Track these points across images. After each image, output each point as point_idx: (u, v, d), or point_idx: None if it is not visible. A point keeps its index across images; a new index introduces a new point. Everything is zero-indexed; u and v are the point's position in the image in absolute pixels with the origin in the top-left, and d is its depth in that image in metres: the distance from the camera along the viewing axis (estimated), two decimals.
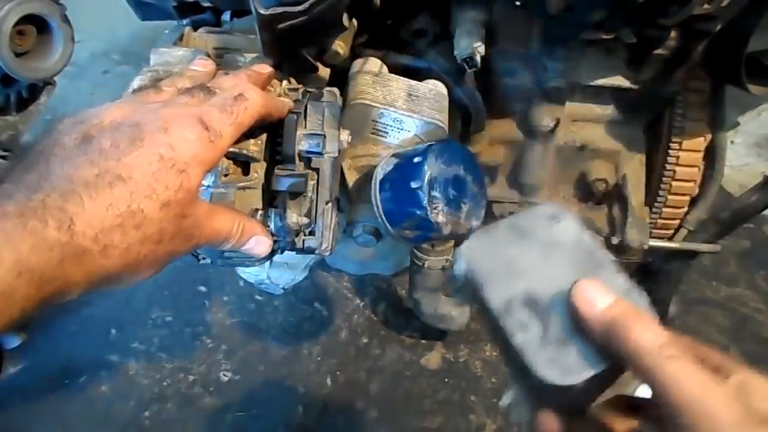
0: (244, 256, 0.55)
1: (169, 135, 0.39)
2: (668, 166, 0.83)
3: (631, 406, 0.40)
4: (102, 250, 0.36)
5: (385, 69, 0.75)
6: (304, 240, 0.60)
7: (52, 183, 0.35)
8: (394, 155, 0.66)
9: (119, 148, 0.38)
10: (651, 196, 0.87)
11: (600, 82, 0.78)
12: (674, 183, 0.84)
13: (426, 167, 0.60)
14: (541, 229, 0.41)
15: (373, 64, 0.74)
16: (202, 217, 0.42)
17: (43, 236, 0.33)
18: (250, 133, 0.50)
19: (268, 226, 0.55)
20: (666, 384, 0.31)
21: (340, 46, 0.69)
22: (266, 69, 0.54)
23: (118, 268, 0.37)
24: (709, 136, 0.83)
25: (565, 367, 0.36)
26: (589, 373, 0.35)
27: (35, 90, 0.81)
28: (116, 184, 0.36)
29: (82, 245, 0.35)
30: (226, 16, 0.76)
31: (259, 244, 0.51)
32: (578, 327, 0.37)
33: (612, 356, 0.34)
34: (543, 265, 0.40)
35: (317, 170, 0.59)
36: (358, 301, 1.21)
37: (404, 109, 0.69)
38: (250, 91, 0.46)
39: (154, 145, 0.38)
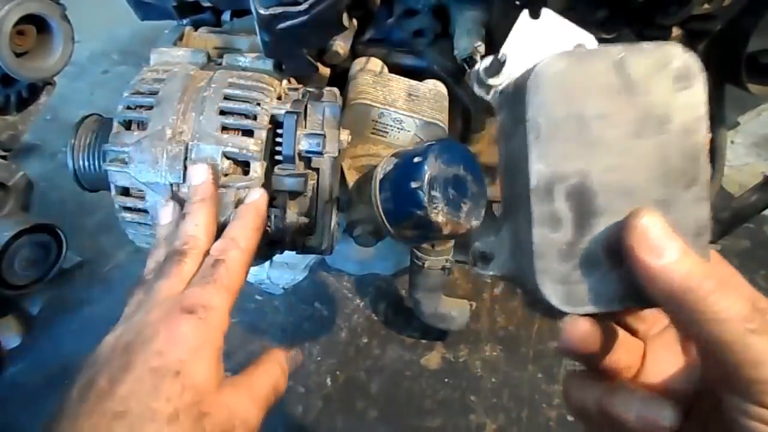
0: None
1: (156, 341, 0.37)
2: None
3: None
4: None
5: (385, 69, 0.75)
6: (304, 240, 0.60)
7: None
8: (394, 155, 0.66)
9: (114, 381, 0.36)
10: None
11: None
12: None
13: (426, 167, 0.60)
14: (658, 87, 0.28)
15: (373, 64, 0.74)
16: (233, 401, 0.39)
17: None
18: None
19: (269, 226, 0.55)
20: (747, 360, 0.26)
21: (340, 46, 0.69)
22: (260, 207, 0.51)
23: None
24: (709, 136, 0.83)
25: (572, 294, 0.29)
26: (595, 311, 0.29)
27: (35, 90, 0.81)
28: (114, 427, 0.34)
29: None
30: (226, 16, 0.76)
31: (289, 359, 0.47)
32: (616, 255, 0.28)
33: (654, 302, 0.28)
34: (626, 147, 0.28)
35: (317, 170, 0.59)
36: (358, 301, 1.21)
37: (404, 109, 0.69)
38: (229, 251, 0.45)
39: (144, 361, 0.37)
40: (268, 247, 0.58)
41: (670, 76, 0.28)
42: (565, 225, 0.28)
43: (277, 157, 0.55)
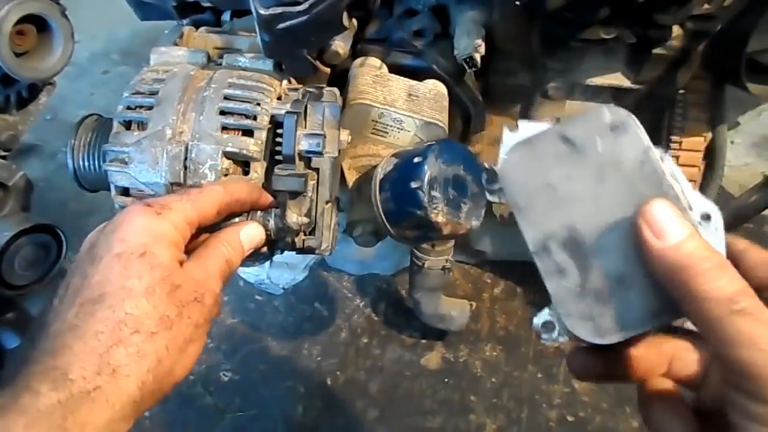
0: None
1: (117, 232, 0.40)
2: None
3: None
4: (112, 376, 0.35)
5: (385, 69, 0.75)
6: (304, 240, 0.60)
7: (42, 349, 0.36)
8: (394, 155, 0.66)
9: (85, 276, 0.38)
10: None
11: (600, 81, 0.78)
12: None
13: (426, 167, 0.60)
14: (599, 142, 0.32)
15: (373, 63, 0.74)
16: (197, 273, 0.42)
17: (36, 407, 0.33)
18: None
19: (269, 230, 0.55)
20: (732, 340, 0.27)
21: (340, 46, 0.69)
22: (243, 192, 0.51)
23: (143, 377, 0.36)
24: (709, 136, 0.83)
25: (600, 326, 0.31)
26: (626, 335, 0.31)
27: (35, 90, 0.80)
28: (95, 310, 0.37)
29: (84, 388, 0.34)
30: (226, 16, 0.76)
31: (251, 233, 0.50)
32: (629, 268, 0.31)
33: (668, 301, 0.30)
34: (594, 194, 0.32)
35: (317, 170, 0.59)
36: (358, 301, 1.21)
37: (404, 109, 0.69)
38: (209, 188, 0.48)
39: (108, 250, 0.39)
40: (268, 247, 0.58)
41: (606, 129, 0.32)
42: (570, 271, 0.32)
43: (277, 157, 0.55)
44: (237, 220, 0.50)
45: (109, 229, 0.41)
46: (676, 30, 0.71)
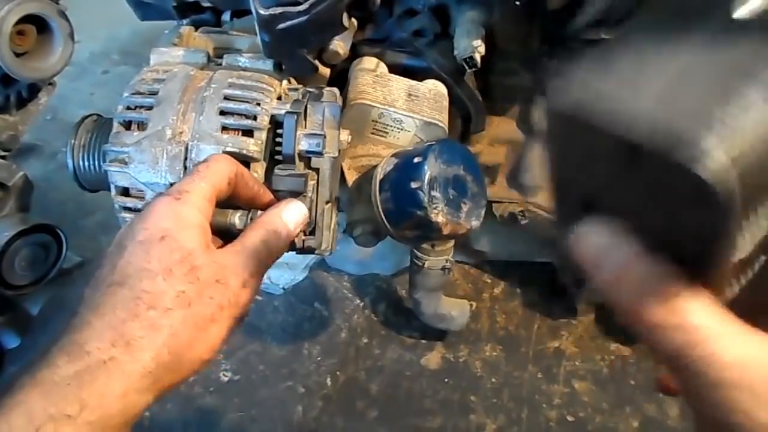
0: None
1: (140, 222, 0.41)
2: None
3: None
4: (125, 348, 0.36)
5: (385, 69, 0.75)
6: (304, 240, 0.60)
7: (65, 330, 0.37)
8: (394, 155, 0.66)
9: (112, 265, 0.40)
10: None
11: None
12: None
13: (426, 167, 0.60)
14: None
15: (374, 64, 0.74)
16: (223, 257, 0.42)
17: (52, 379, 0.34)
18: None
19: None
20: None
21: (340, 46, 0.69)
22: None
23: (158, 349, 0.37)
24: None
25: None
26: None
27: (35, 90, 0.80)
28: (117, 290, 0.38)
29: (99, 359, 0.35)
30: (226, 16, 0.76)
31: (292, 211, 0.49)
32: None
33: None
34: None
35: (317, 170, 0.59)
36: (358, 301, 1.21)
37: (404, 109, 0.69)
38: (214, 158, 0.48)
39: (132, 239, 0.40)
40: None
41: None
42: None
43: (277, 157, 0.55)
44: (238, 215, 0.49)
45: (135, 220, 0.42)
46: None
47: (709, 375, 0.23)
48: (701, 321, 0.23)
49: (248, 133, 0.54)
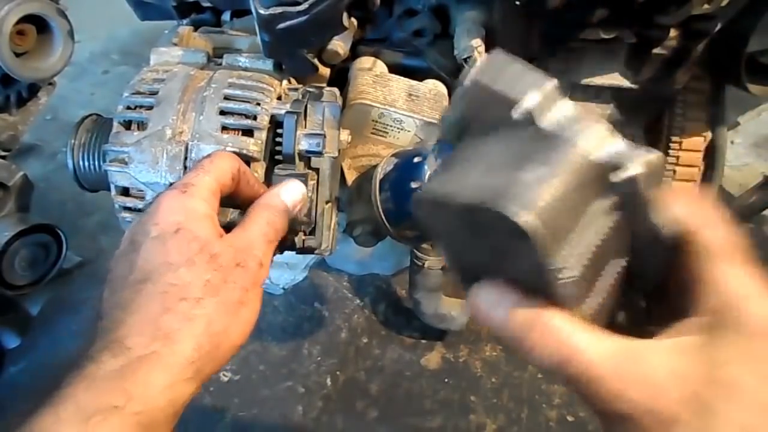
0: None
1: (150, 218, 0.41)
2: (668, 166, 0.83)
3: None
4: (165, 341, 0.37)
5: (385, 69, 0.75)
6: (304, 240, 0.60)
7: (100, 329, 0.38)
8: (394, 155, 0.66)
9: (131, 263, 0.40)
10: None
11: (600, 81, 0.78)
12: (674, 183, 0.84)
13: (426, 167, 0.60)
14: None
15: (373, 64, 0.74)
16: (237, 241, 0.43)
17: (97, 374, 0.35)
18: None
19: None
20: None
21: (340, 46, 0.69)
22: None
23: (197, 339, 0.38)
24: (709, 136, 0.83)
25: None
26: None
27: (35, 89, 0.81)
28: (141, 288, 0.39)
29: (141, 353, 0.36)
30: (226, 16, 0.76)
31: (290, 190, 0.49)
32: None
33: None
34: None
35: (317, 170, 0.59)
36: (358, 301, 1.21)
37: (404, 109, 0.69)
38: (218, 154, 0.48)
39: (146, 235, 0.41)
40: None
41: None
42: None
43: (277, 157, 0.55)
44: (238, 214, 0.50)
45: (145, 217, 0.42)
46: (676, 30, 0.71)
47: (583, 376, 0.28)
48: (567, 334, 0.28)
49: (248, 132, 0.54)
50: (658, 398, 0.27)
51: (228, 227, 0.48)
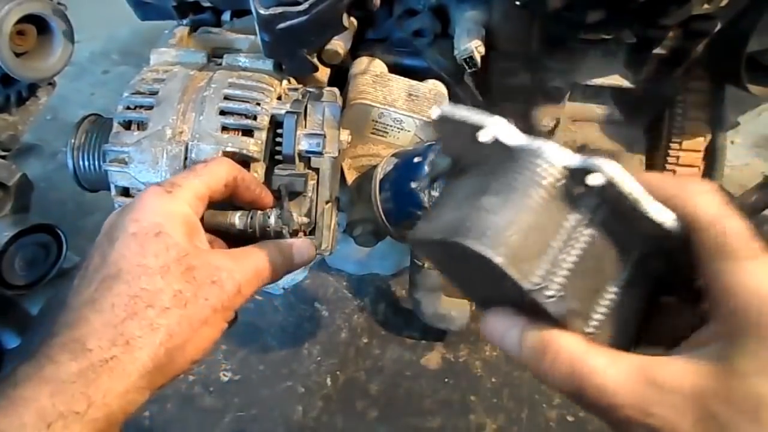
0: None
1: (131, 213, 0.41)
2: (668, 166, 0.83)
3: None
4: (125, 347, 0.36)
5: (384, 69, 0.75)
6: None
7: (62, 323, 0.37)
8: (394, 155, 0.66)
9: (104, 255, 0.40)
10: None
11: (600, 82, 0.78)
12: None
13: (426, 167, 0.60)
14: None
15: (373, 64, 0.74)
16: (219, 260, 0.42)
17: (59, 377, 0.34)
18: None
19: (268, 228, 0.55)
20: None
21: (340, 46, 0.69)
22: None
23: (155, 349, 0.37)
24: (709, 136, 0.83)
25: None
26: None
27: (35, 89, 0.80)
28: (112, 285, 0.38)
29: (101, 357, 0.36)
30: (226, 16, 0.76)
31: (303, 248, 0.50)
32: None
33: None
34: None
35: (317, 170, 0.59)
36: (358, 301, 1.21)
37: (404, 109, 0.69)
38: (215, 160, 0.48)
39: (124, 230, 0.40)
40: None
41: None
42: None
43: (277, 157, 0.55)
44: (237, 215, 0.50)
45: (125, 211, 0.42)
46: (676, 30, 0.71)
47: (600, 402, 0.27)
48: (578, 357, 0.28)
49: (248, 132, 0.54)
50: (675, 423, 0.25)
51: (227, 229, 0.48)
